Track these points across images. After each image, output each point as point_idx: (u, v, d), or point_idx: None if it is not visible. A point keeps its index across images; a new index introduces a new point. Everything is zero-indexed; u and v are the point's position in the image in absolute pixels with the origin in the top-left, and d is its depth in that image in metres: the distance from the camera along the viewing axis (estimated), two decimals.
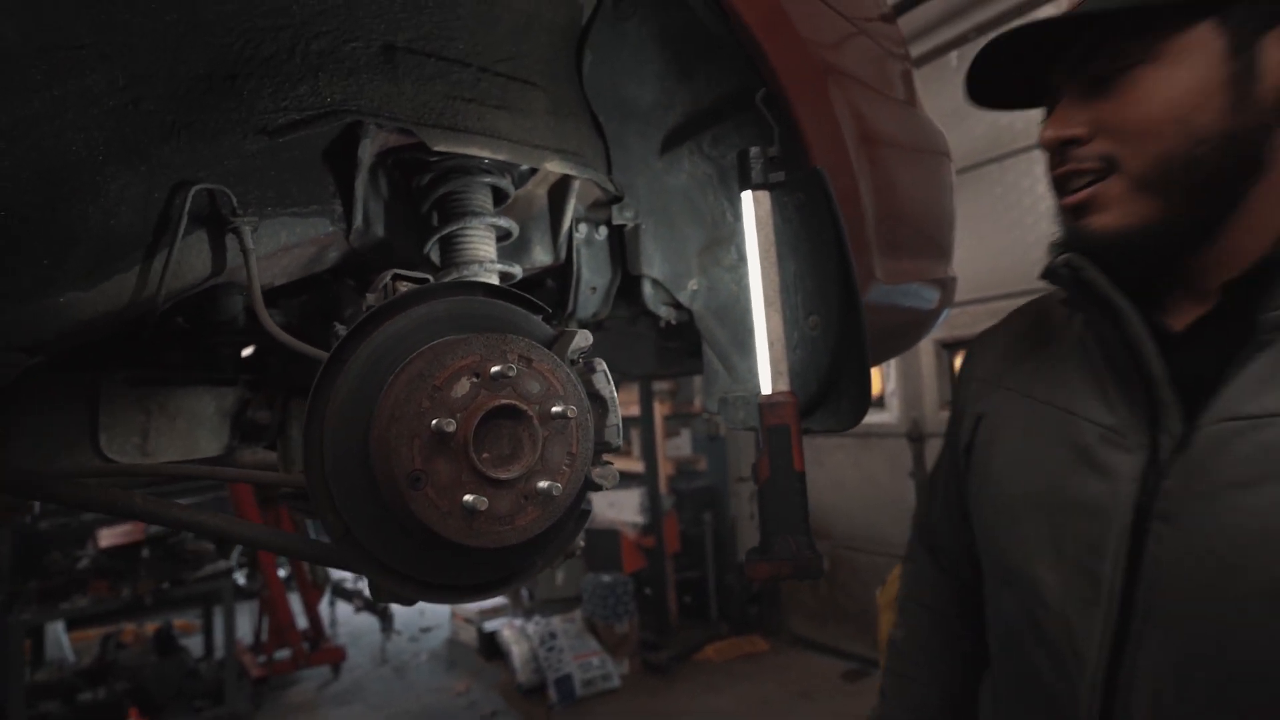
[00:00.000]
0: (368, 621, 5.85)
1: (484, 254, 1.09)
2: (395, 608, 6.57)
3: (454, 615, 6.00)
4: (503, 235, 1.20)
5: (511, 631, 4.96)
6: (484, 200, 1.12)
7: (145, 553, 4.32)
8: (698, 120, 1.21)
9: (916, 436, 4.26)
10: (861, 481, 4.57)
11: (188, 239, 0.91)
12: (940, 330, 4.16)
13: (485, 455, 0.75)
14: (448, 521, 0.72)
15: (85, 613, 3.90)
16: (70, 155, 0.78)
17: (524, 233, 1.29)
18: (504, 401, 0.75)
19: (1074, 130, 0.77)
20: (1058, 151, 0.79)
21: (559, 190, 1.26)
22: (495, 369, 0.74)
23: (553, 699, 4.30)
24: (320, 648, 5.05)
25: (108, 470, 0.92)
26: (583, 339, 0.86)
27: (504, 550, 0.77)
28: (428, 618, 6.51)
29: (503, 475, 0.74)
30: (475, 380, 0.74)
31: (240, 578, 4.71)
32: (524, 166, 1.18)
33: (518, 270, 1.15)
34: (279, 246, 1.01)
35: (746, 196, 1.02)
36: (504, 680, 4.76)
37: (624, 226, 1.28)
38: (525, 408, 0.76)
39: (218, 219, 0.92)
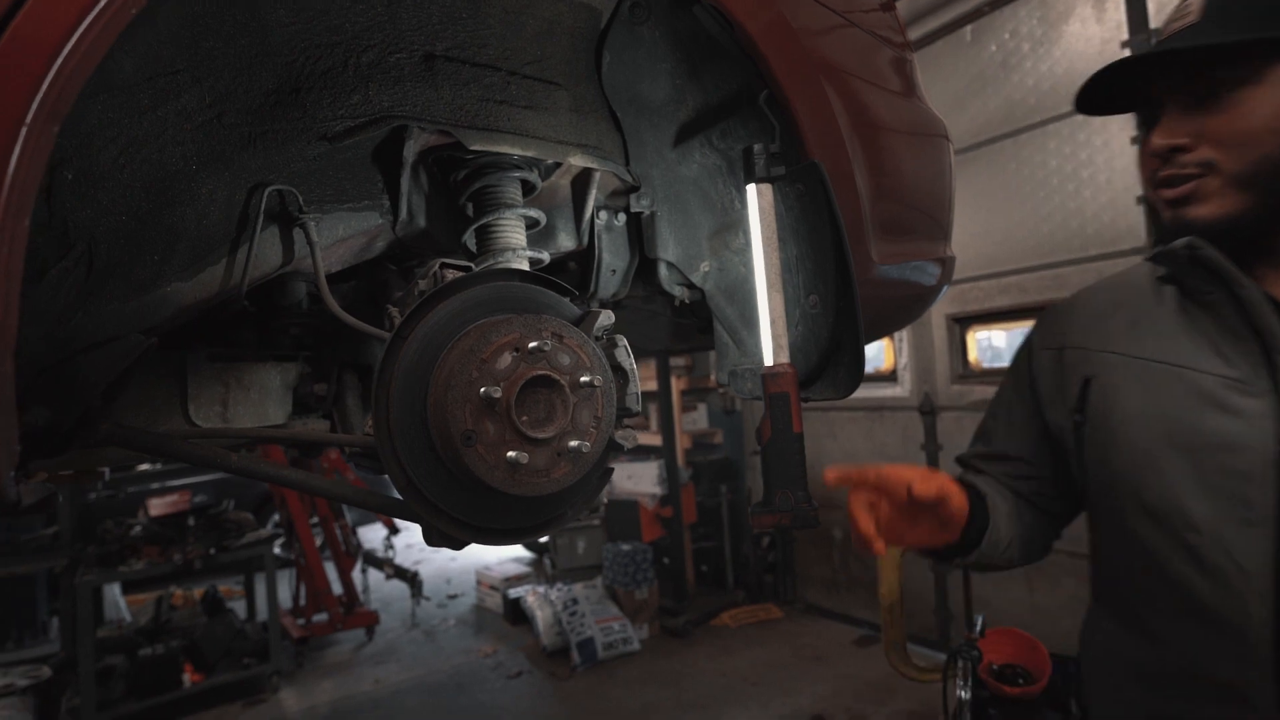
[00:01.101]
0: (397, 588, 6.11)
1: (516, 242, 1.22)
2: (424, 574, 6.84)
3: (479, 583, 6.25)
4: (531, 224, 1.32)
5: (535, 598, 5.18)
6: (515, 193, 1.24)
7: (191, 521, 4.58)
8: (707, 115, 1.32)
9: (928, 409, 4.35)
10: (873, 453, 4.68)
11: (262, 234, 1.04)
12: (952, 305, 4.23)
13: (524, 418, 0.89)
14: (495, 474, 0.85)
15: (141, 575, 4.16)
16: (171, 166, 0.92)
17: (550, 220, 1.41)
18: (540, 372, 0.88)
19: (1180, 140, 0.91)
20: (1163, 156, 0.93)
21: (581, 181, 1.38)
22: (533, 344, 0.87)
23: (576, 660, 4.51)
24: (355, 612, 5.30)
25: (201, 433, 1.07)
26: (606, 318, 0.99)
27: (541, 499, 0.91)
28: (454, 585, 6.77)
29: (540, 435, 0.88)
30: (516, 354, 0.87)
31: (277, 547, 4.95)
32: (550, 160, 1.30)
33: (545, 255, 1.27)
34: (337, 238, 1.14)
35: (751, 189, 1.13)
36: (529, 644, 4.99)
37: (641, 214, 1.40)
38: (558, 377, 0.89)
39: (286, 216, 1.05)
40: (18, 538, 5.59)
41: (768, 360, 1.11)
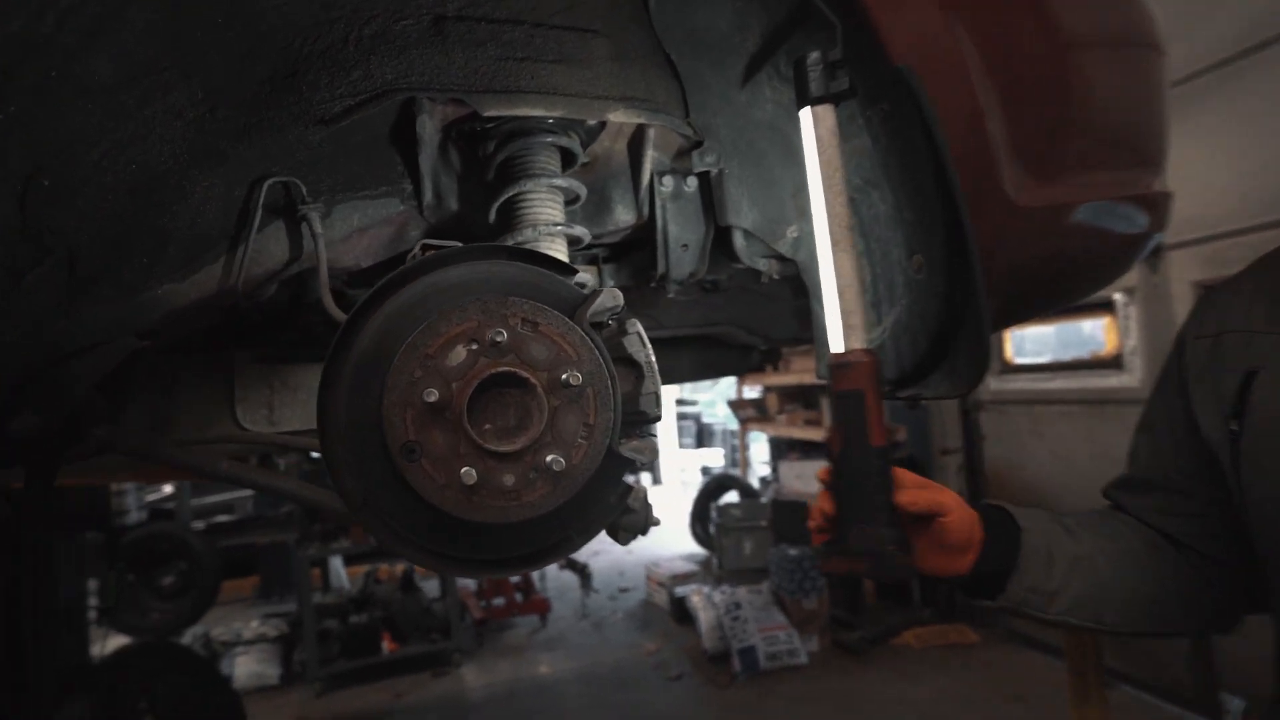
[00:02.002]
0: (571, 578, 6.34)
1: (544, 217, 1.05)
2: (598, 566, 7.04)
3: (648, 579, 6.26)
4: (571, 199, 1.15)
5: (699, 598, 5.04)
6: (547, 162, 1.08)
7: None
8: (774, 39, 1.05)
9: None
10: (1094, 457, 3.84)
11: (266, 229, 0.99)
12: (1203, 268, 3.31)
13: (486, 426, 0.72)
14: (445, 495, 0.69)
15: (349, 551, 4.74)
16: (160, 166, 0.88)
17: (604, 192, 1.23)
18: (503, 368, 0.70)
19: None
20: None
21: (636, 142, 1.18)
22: (493, 335, 0.69)
23: (736, 668, 4.29)
24: (530, 598, 5.58)
25: (193, 440, 1.05)
26: (609, 298, 0.78)
27: (520, 525, 0.73)
28: (627, 578, 6.87)
29: (504, 447, 0.70)
30: (472, 347, 0.71)
31: None
32: (592, 121, 1.11)
33: (583, 233, 1.09)
34: (353, 229, 1.06)
35: (805, 115, 0.85)
36: (692, 644, 4.87)
37: (708, 173, 1.16)
38: (528, 375, 0.71)
39: (293, 209, 0.99)
40: (274, 512, 6.76)
41: (834, 344, 0.83)
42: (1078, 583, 0.89)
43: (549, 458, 0.71)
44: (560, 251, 1.06)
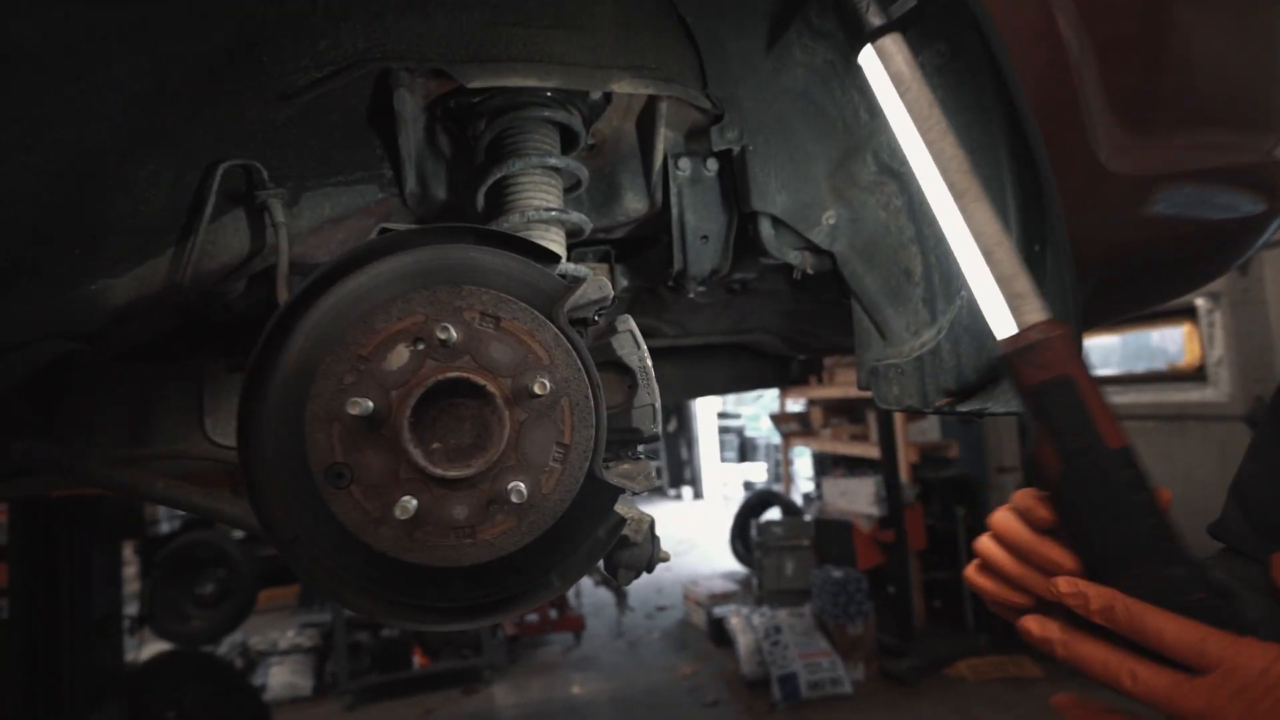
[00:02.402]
0: (607, 595, 6.18)
1: (536, 201, 0.92)
2: (630, 585, 6.86)
3: (686, 597, 6.06)
4: (570, 183, 1.01)
5: (738, 620, 4.82)
6: (542, 141, 0.95)
7: None
8: None
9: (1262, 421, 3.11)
10: (1174, 478, 3.50)
11: (223, 219, 0.88)
12: None
13: (436, 446, 0.58)
14: (380, 530, 0.56)
15: None
16: (95, 146, 0.77)
17: (613, 178, 1.09)
18: (453, 374, 0.57)
19: None
20: None
21: (647, 119, 1.04)
22: (439, 332, 0.56)
23: (776, 696, 4.06)
24: (564, 616, 5.44)
25: (155, 455, 0.94)
26: (594, 289, 0.64)
27: (481, 568, 0.59)
28: (664, 596, 6.68)
29: (454, 472, 0.56)
30: (418, 347, 0.57)
31: None
32: (595, 95, 0.98)
33: (580, 220, 0.95)
34: (324, 219, 0.94)
35: (868, 54, 0.67)
36: (729, 669, 4.65)
37: (729, 151, 1.01)
38: (484, 382, 0.57)
39: (254, 196, 0.88)
40: None
41: (1000, 326, 0.64)
42: None
43: (510, 485, 0.56)
44: (555, 242, 0.92)
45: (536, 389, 0.56)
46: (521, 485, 0.56)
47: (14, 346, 0.72)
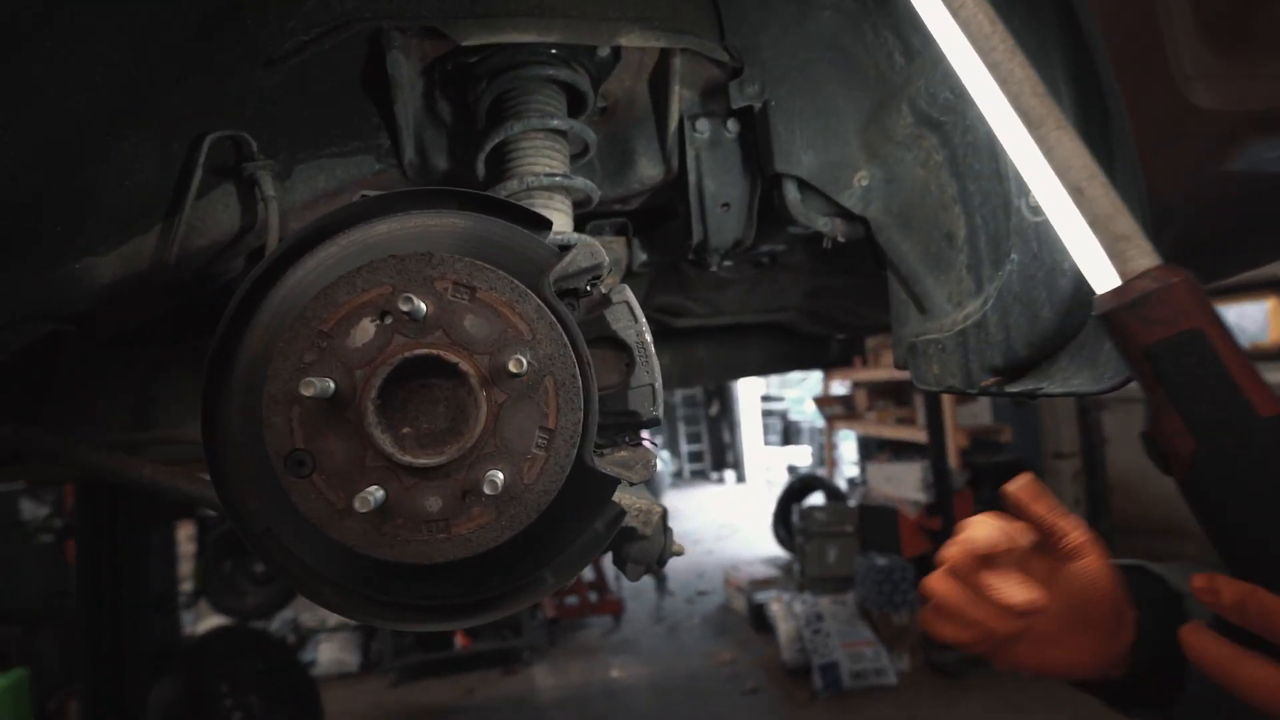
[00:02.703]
0: (646, 579, 6.18)
1: (536, 166, 0.85)
2: (674, 566, 6.84)
3: (727, 583, 6.00)
4: (578, 149, 0.94)
5: (779, 607, 4.74)
6: (545, 102, 0.88)
7: None
8: None
9: None
10: None
11: (212, 194, 0.84)
12: None
13: (407, 430, 0.52)
14: (345, 523, 0.50)
15: None
16: (76, 119, 0.74)
17: (627, 143, 1.01)
18: (420, 352, 0.51)
19: None
20: None
21: (660, 77, 0.96)
22: (401, 304, 0.50)
23: (817, 685, 3.98)
24: (604, 599, 5.45)
25: (159, 441, 0.92)
26: (585, 255, 0.57)
27: (462, 564, 0.54)
28: (705, 580, 6.63)
29: (424, 460, 0.50)
30: (384, 321, 0.51)
31: None
32: (603, 51, 0.90)
33: (584, 185, 0.88)
34: (319, 192, 0.90)
35: None
36: (769, 655, 4.58)
37: (750, 108, 0.92)
38: (457, 360, 0.51)
39: (241, 169, 0.84)
40: None
41: (1104, 273, 0.53)
42: None
43: (487, 474, 0.50)
44: (558, 211, 0.86)
45: (513, 367, 0.50)
46: (498, 475, 0.51)
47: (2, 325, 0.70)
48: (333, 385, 0.50)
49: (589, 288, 0.59)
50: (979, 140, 0.72)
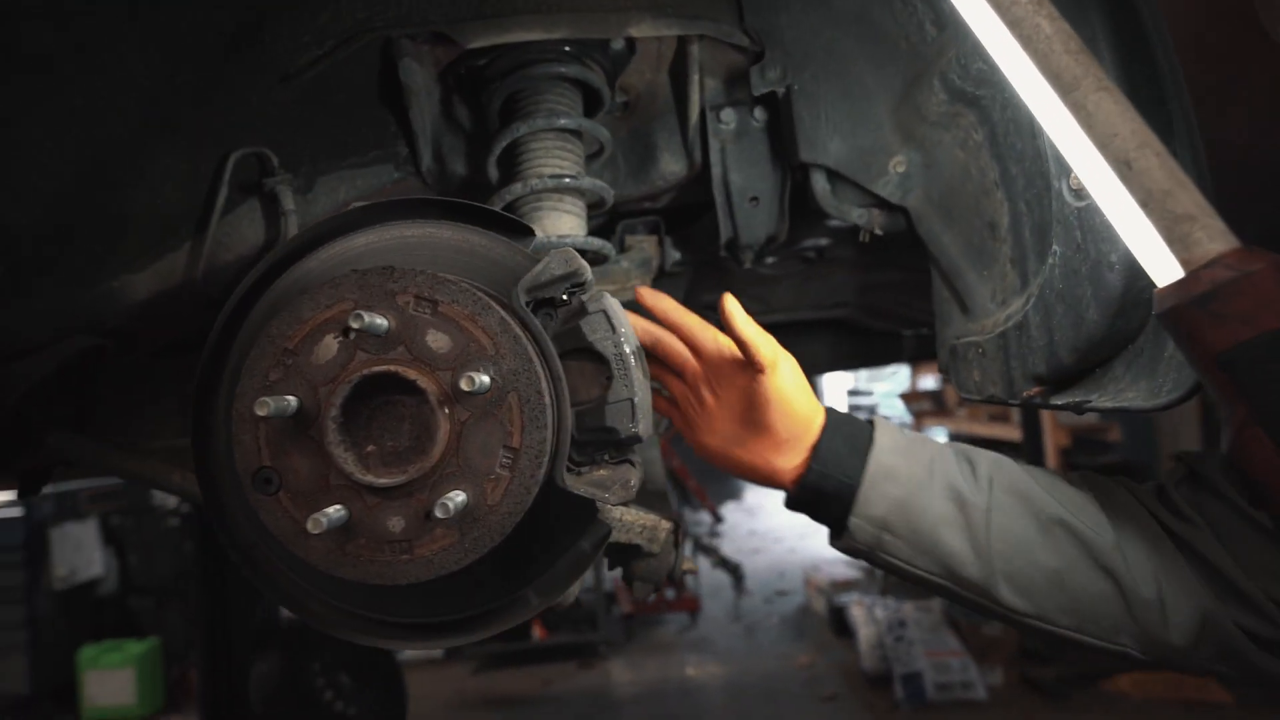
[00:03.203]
0: (725, 577, 6.09)
1: (547, 169, 0.83)
2: (758, 565, 6.72)
3: (808, 583, 5.84)
4: (593, 150, 0.92)
5: (861, 611, 4.56)
6: (555, 101, 0.85)
7: None
8: None
9: None
10: None
11: (238, 210, 0.86)
12: None
13: (371, 448, 0.51)
14: (309, 542, 0.50)
15: None
16: (111, 142, 0.78)
17: (649, 138, 0.98)
18: (378, 369, 0.49)
19: None
20: None
21: (679, 67, 0.91)
22: (352, 321, 0.49)
23: (898, 695, 3.79)
24: (681, 596, 5.43)
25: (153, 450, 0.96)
26: (559, 263, 0.54)
27: (442, 583, 0.52)
28: (786, 580, 6.47)
29: (385, 480, 0.49)
30: (347, 338, 0.50)
31: None
32: (616, 43, 0.87)
33: (594, 185, 0.85)
34: (339, 203, 0.91)
35: None
36: (849, 661, 4.41)
37: (774, 94, 0.86)
38: (416, 376, 0.49)
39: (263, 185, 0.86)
40: None
41: (1161, 262, 0.45)
42: (963, 537, 0.64)
43: (447, 495, 0.48)
44: (567, 212, 0.83)
45: (464, 384, 0.47)
46: (457, 497, 0.49)
47: (42, 343, 0.75)
48: (294, 403, 0.50)
49: (566, 297, 0.56)
50: (1019, 116, 0.64)
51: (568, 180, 0.82)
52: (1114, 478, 0.71)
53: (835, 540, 0.72)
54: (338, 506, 0.49)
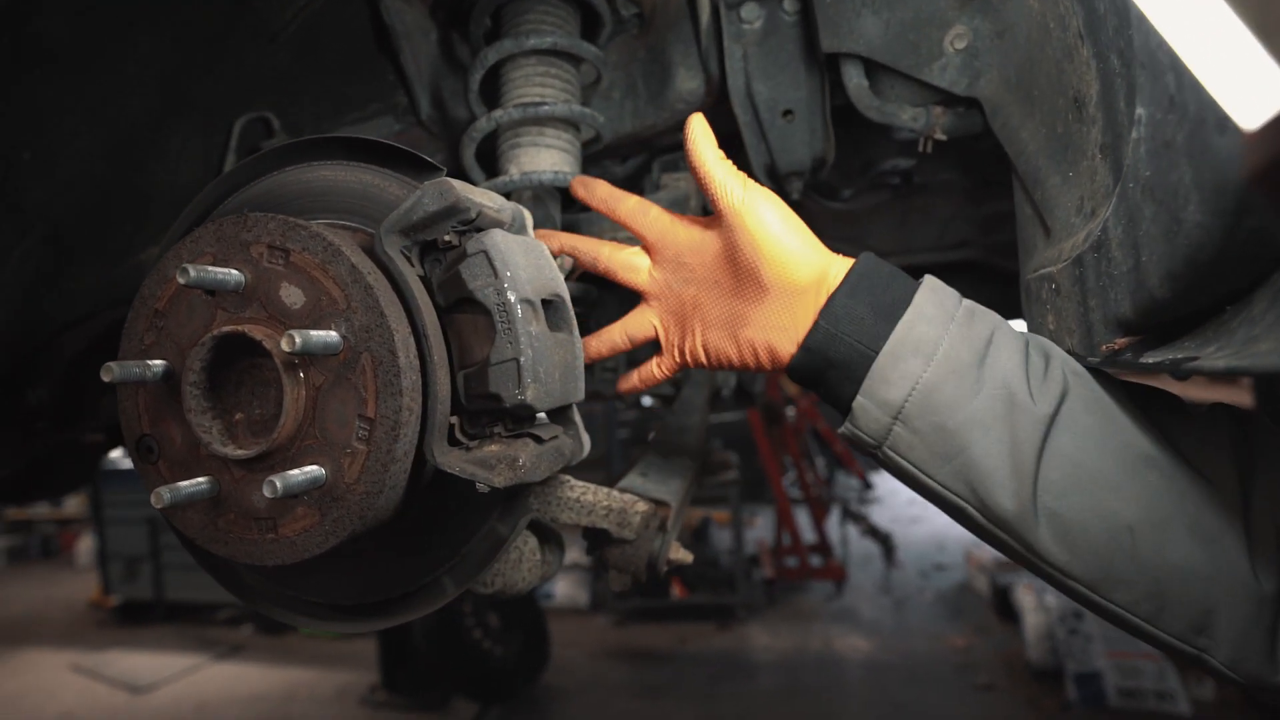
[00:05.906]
0: (875, 547, 5.75)
1: (528, 95, 0.74)
2: (916, 537, 6.27)
3: (969, 559, 5.34)
4: (590, 78, 0.80)
5: (1029, 595, 4.07)
6: (539, 19, 0.76)
7: None
8: None
9: None
10: None
11: None
12: None
13: (239, 416, 0.47)
14: (187, 514, 0.47)
15: None
16: (134, 122, 0.82)
17: (664, 53, 0.85)
18: (227, 329, 0.45)
19: None
20: None
21: None
22: (189, 272, 0.44)
23: (1071, 696, 3.33)
24: (827, 563, 5.21)
25: None
26: (432, 197, 0.47)
27: (316, 565, 0.48)
28: (945, 554, 5.98)
29: (239, 451, 0.45)
30: (208, 296, 0.46)
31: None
32: None
33: (583, 114, 0.74)
34: None
35: None
36: (1011, 649, 3.96)
37: None
38: (260, 336, 0.44)
39: None
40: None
41: (1237, 105, 0.31)
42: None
43: (293, 471, 0.43)
44: (550, 146, 0.73)
45: (285, 345, 0.41)
46: (308, 470, 0.43)
47: (80, 318, 0.81)
48: (159, 368, 0.46)
49: (455, 239, 0.48)
50: (1075, 21, 0.44)
51: (544, 109, 0.72)
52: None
53: (840, 427, 0.58)
54: (200, 479, 0.46)
